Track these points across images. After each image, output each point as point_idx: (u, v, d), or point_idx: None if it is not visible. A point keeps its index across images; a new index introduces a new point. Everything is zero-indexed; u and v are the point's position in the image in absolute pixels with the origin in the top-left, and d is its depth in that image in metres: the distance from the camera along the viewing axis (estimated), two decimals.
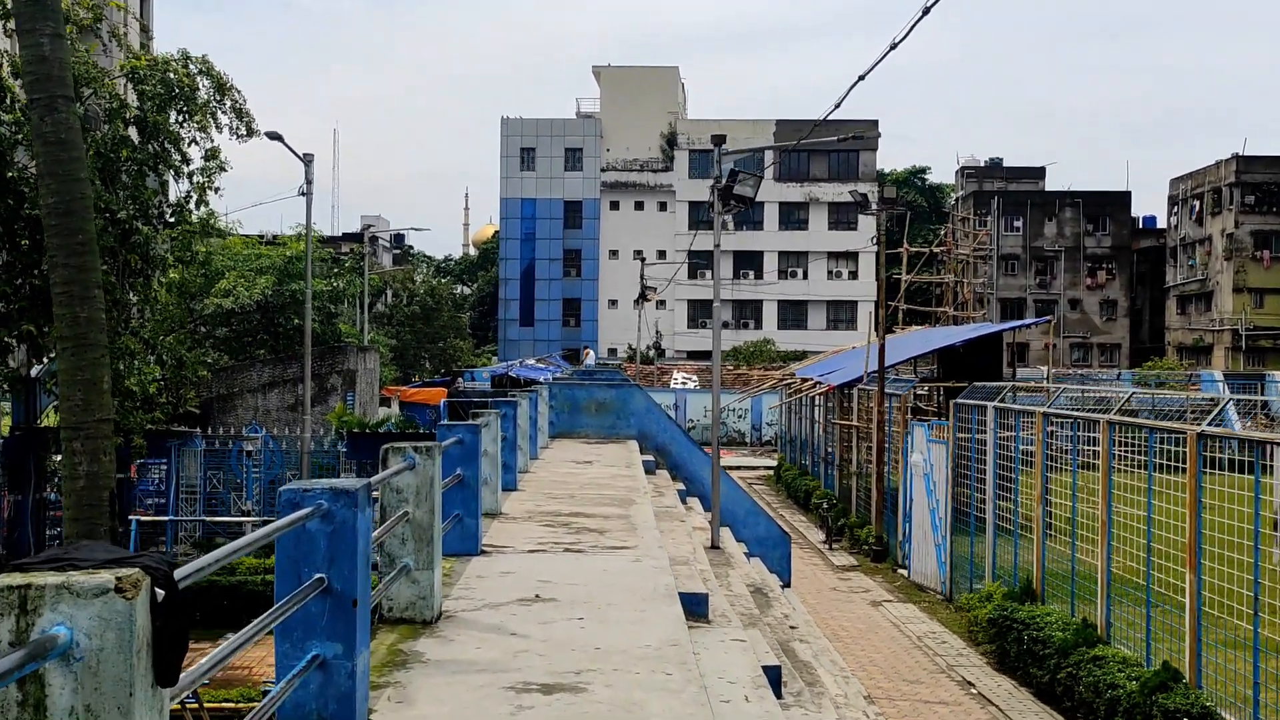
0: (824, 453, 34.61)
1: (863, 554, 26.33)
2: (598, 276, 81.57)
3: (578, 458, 16.90)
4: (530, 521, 10.22)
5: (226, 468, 22.98)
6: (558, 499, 11.94)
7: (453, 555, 8.24)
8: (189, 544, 21.53)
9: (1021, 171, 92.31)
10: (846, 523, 28.45)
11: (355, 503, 4.24)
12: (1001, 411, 19.04)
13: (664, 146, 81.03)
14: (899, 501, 24.80)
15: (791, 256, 77.80)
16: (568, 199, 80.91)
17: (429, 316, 63.50)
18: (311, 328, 30.12)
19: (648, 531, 9.81)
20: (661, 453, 20.90)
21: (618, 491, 12.72)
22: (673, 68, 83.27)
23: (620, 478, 14.30)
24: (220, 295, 30.06)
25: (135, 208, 18.08)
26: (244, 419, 26.98)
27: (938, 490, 21.69)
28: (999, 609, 16.67)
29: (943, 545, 21.31)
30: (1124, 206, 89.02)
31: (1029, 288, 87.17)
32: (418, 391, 53.25)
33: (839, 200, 78.05)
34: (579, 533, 9.61)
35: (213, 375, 27.16)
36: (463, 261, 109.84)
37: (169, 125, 18.24)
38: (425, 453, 6.24)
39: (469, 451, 8.34)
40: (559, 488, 13.05)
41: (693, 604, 8.21)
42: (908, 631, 18.83)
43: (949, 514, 21.05)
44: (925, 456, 22.26)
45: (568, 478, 14.18)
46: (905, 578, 23.23)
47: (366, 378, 31.14)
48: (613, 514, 10.86)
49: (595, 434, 20.51)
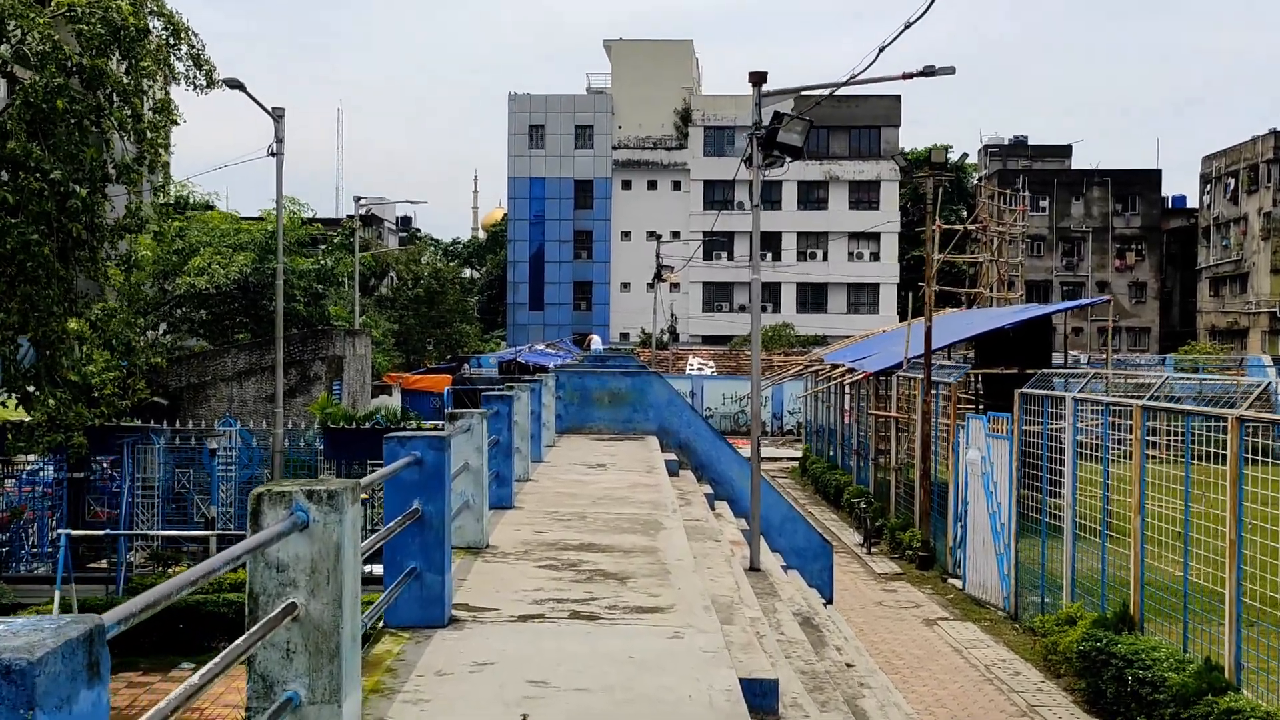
0: (856, 445, 31.97)
1: (906, 560, 23.72)
2: (609, 258, 78.86)
3: (589, 459, 14.32)
4: (526, 560, 7.63)
5: (197, 466, 20.48)
6: (564, 521, 9.36)
7: (407, 628, 5.66)
8: (147, 555, 19.01)
9: (1047, 150, 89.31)
10: (885, 524, 25.83)
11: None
12: (1083, 402, 16.37)
13: (678, 123, 78.16)
14: (948, 502, 22.18)
15: (810, 237, 74.99)
16: (578, 178, 78.12)
17: (433, 300, 60.85)
18: (296, 309, 27.61)
19: (685, 577, 7.21)
20: (685, 450, 18.32)
21: (640, 509, 10.12)
22: (687, 41, 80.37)
23: (641, 488, 11.71)
24: (194, 274, 27.47)
25: (72, 167, 15.51)
26: (218, 410, 24.44)
27: (999, 491, 19.05)
28: (1089, 637, 14.03)
29: (1005, 555, 18.68)
30: (1154, 185, 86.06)
31: (1055, 269, 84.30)
32: (421, 378, 50.83)
33: (860, 179, 75.21)
34: (591, 579, 7.01)
35: (182, 362, 24.70)
36: (471, 244, 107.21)
37: (113, 73, 15.65)
38: (329, 503, 3.62)
39: (430, 476, 5.74)
40: (566, 502, 10.47)
41: (758, 696, 5.65)
42: (972, 659, 16.23)
43: (1013, 519, 18.42)
44: (984, 453, 19.62)
45: (577, 488, 11.60)
46: (959, 589, 20.61)
47: (356, 364, 28.51)
48: (636, 546, 8.27)
49: (609, 429, 17.95)
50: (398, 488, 5.69)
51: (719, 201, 74.84)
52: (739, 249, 76.09)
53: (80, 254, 16.95)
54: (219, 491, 19.34)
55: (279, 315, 19.28)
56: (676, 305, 73.54)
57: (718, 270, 76.38)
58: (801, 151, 12.75)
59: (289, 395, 25.23)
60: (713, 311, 76.31)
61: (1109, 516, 15.29)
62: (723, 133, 76.02)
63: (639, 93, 77.23)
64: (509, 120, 78.70)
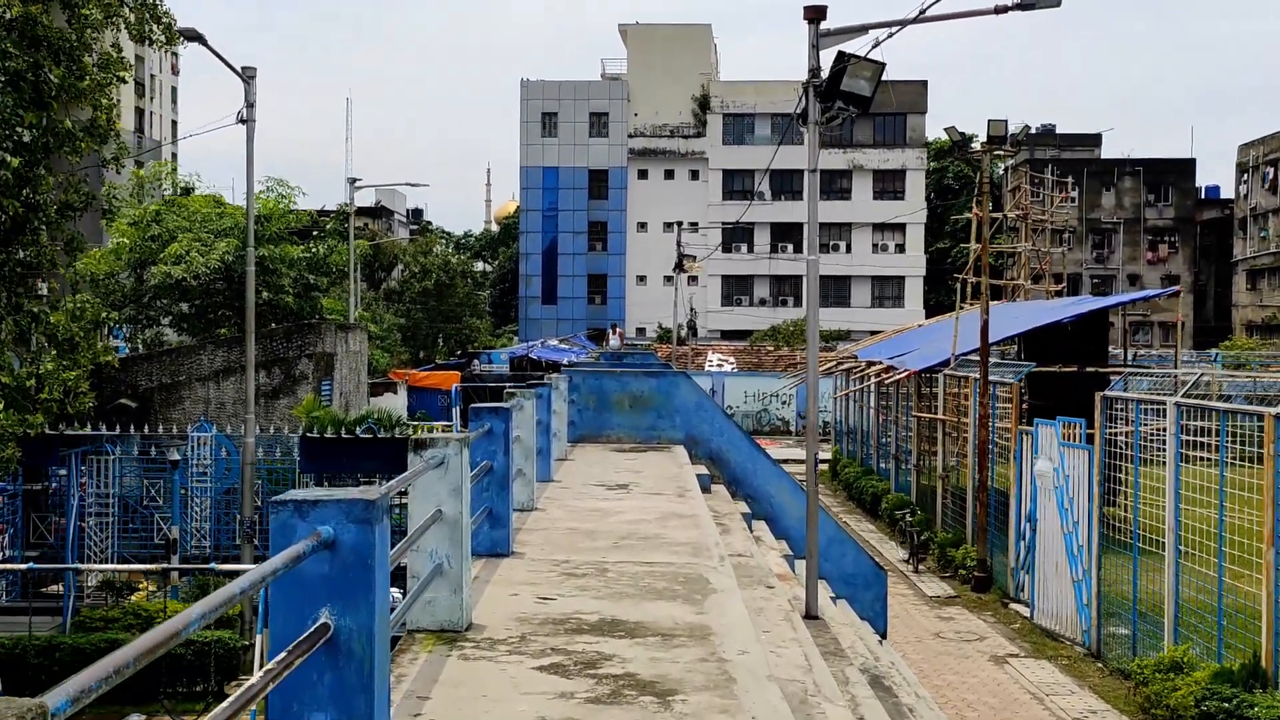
0: (894, 449, 29.57)
1: (958, 580, 21.34)
2: (625, 250, 76.41)
3: (608, 478, 11.97)
4: (522, 655, 5.27)
5: (168, 477, 18.18)
6: (578, 577, 7.01)
7: None
8: (99, 583, 16.67)
9: (1076, 139, 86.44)
10: (932, 537, 23.43)
11: None
12: (1188, 409, 13.95)
13: (696, 110, 75.60)
14: (1008, 516, 19.78)
15: (833, 229, 72.37)
16: (592, 167, 75.64)
17: (442, 293, 58.43)
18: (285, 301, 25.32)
19: (756, 688, 4.84)
20: (716, 462, 15.96)
21: (676, 555, 7.77)
22: (705, 25, 77.78)
23: (675, 520, 9.35)
24: (170, 262, 25.11)
25: (4, 132, 13.23)
26: (193, 414, 22.12)
27: (1076, 508, 16.64)
28: (1213, 694, 11.63)
29: (1084, 583, 16.27)
30: (1188, 175, 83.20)
31: (1085, 262, 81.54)
32: (428, 375, 48.55)
33: (885, 168, 72.65)
34: (617, 696, 4.66)
35: (153, 360, 22.40)
36: (483, 237, 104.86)
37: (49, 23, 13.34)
38: None
39: (350, 567, 3.40)
40: (581, 544, 8.14)
41: None
42: (1057, 709, 13.83)
43: (1094, 541, 16.01)
44: (1057, 465, 17.19)
45: (594, 519, 9.26)
46: (1024, 618, 18.20)
47: (349, 361, 26.06)
48: (679, 624, 5.91)
49: (630, 438, 15.60)
50: (292, 590, 3.34)
51: (738, 192, 72.36)
52: (759, 240, 73.59)
53: (22, 237, 14.68)
54: (181, 508, 16.93)
55: (249, 307, 16.89)
56: (695, 299, 71.11)
57: (737, 262, 73.88)
58: (870, 102, 10.36)
59: (272, 396, 22.91)
60: (732, 305, 73.86)
61: (1224, 544, 12.89)
62: (743, 120, 73.51)
63: (656, 79, 74.73)
64: (521, 108, 76.30)
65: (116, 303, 25.74)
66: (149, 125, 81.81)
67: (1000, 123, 20.16)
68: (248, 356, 16.85)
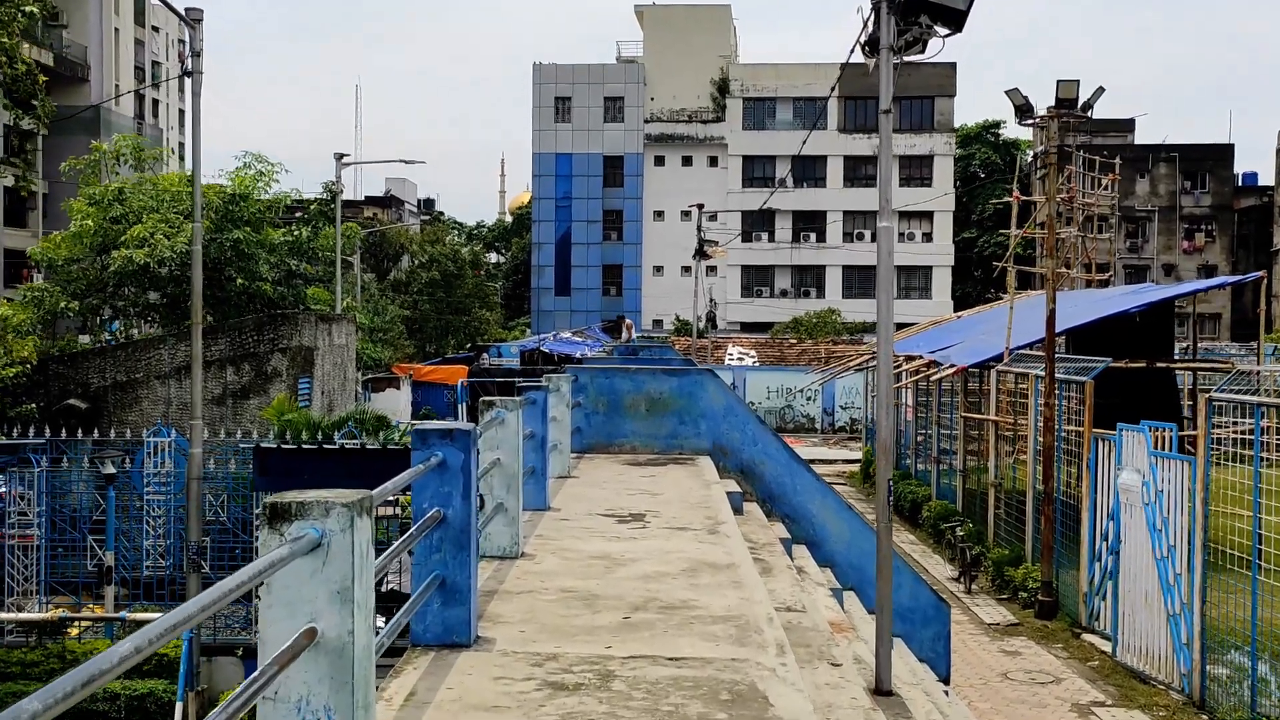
0: (935, 451, 27.11)
1: (1017, 603, 18.89)
2: (641, 240, 73.92)
3: (619, 504, 9.55)
4: None
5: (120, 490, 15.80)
6: (567, 692, 4.60)
7: None
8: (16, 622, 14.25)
9: (1109, 124, 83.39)
10: (984, 553, 20.98)
11: None
12: None
13: (714, 95, 72.97)
14: (1080, 534, 17.32)
15: (857, 217, 69.76)
16: (607, 153, 73.10)
17: (450, 284, 56.00)
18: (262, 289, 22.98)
19: None
20: (748, 476, 13.56)
21: (717, 651, 5.33)
22: (724, 6, 75.01)
23: (708, 576, 6.93)
24: (133, 245, 22.73)
25: None
26: (150, 416, 19.78)
27: (1171, 531, 14.16)
28: None
29: (1184, 618, 13.79)
30: (1225, 161, 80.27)
31: (1118, 251, 78.65)
32: (434, 369, 46.24)
33: (911, 153, 69.95)
34: None
35: (105, 355, 20.08)
36: (496, 228, 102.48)
37: None
38: None
39: None
40: (576, 620, 5.72)
41: None
42: None
43: (1196, 568, 13.54)
44: (1147, 478, 14.70)
45: (598, 575, 6.84)
46: (1104, 654, 15.74)
47: (333, 356, 23.58)
48: None
49: (646, 448, 13.21)
50: None
51: (759, 179, 69.81)
52: (780, 229, 71.01)
53: None
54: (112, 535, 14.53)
55: (196, 294, 14.50)
56: (714, 290, 68.63)
57: (757, 252, 71.34)
58: (964, 22, 7.90)
59: (241, 396, 20.53)
60: (752, 296, 71.32)
61: None
62: (763, 104, 70.89)
63: (672, 62, 72.14)
64: (534, 92, 73.83)
65: (78, 292, 23.49)
66: (157, 115, 79.77)
67: (1071, 83, 17.68)
68: (194, 351, 14.35)
